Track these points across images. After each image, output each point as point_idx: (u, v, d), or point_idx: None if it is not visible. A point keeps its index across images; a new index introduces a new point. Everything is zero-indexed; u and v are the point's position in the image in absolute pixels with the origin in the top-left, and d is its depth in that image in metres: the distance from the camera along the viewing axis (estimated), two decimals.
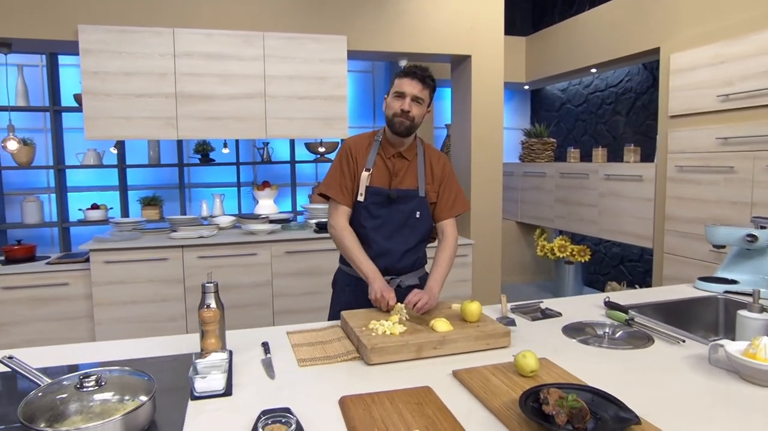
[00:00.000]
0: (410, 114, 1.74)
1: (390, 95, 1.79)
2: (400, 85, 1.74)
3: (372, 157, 1.81)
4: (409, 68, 1.75)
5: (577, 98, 5.26)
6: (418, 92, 1.74)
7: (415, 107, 1.75)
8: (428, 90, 1.78)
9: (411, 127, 1.77)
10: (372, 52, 3.72)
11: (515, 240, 5.41)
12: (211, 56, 3.25)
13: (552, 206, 4.76)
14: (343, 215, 1.82)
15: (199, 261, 3.26)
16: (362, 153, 1.82)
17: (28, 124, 3.96)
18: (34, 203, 3.83)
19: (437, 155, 1.93)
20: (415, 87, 1.74)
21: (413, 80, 1.73)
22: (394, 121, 1.75)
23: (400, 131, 1.76)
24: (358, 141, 1.86)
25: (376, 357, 1.37)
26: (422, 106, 1.78)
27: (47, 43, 3.16)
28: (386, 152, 1.83)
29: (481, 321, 1.56)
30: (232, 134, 3.35)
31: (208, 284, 1.44)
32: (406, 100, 1.73)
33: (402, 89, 1.74)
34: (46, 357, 1.47)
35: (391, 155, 1.83)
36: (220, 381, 1.22)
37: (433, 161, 1.90)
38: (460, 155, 4.14)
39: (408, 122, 1.75)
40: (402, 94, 1.74)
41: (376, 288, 1.67)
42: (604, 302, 1.85)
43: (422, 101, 1.77)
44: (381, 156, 1.83)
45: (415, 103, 1.75)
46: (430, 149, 1.93)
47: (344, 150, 1.84)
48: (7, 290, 3.03)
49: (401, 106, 1.73)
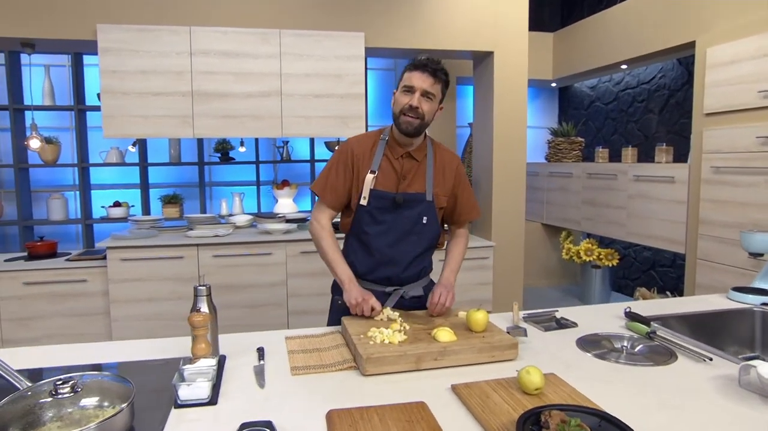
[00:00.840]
0: (419, 111, 1.60)
1: (398, 90, 1.65)
2: (409, 79, 1.60)
3: (378, 158, 1.69)
4: (420, 60, 1.59)
5: (607, 96, 5.05)
6: (429, 87, 1.59)
7: (425, 103, 1.61)
8: (440, 85, 1.62)
9: (420, 126, 1.63)
10: (390, 49, 3.64)
11: (540, 243, 5.24)
12: (227, 54, 3.23)
13: (579, 208, 4.58)
14: (326, 215, 1.73)
15: (214, 260, 3.26)
16: (366, 154, 1.70)
17: (55, 123, 4.05)
18: (59, 200, 3.90)
19: (449, 156, 1.79)
20: (426, 81, 1.59)
21: (423, 73, 1.58)
22: (401, 119, 1.62)
23: (409, 131, 1.63)
24: (362, 141, 1.73)
25: (372, 367, 1.30)
26: (433, 103, 1.64)
27: (69, 43, 3.20)
28: (394, 153, 1.70)
29: (488, 331, 1.47)
30: (248, 133, 3.33)
31: (200, 288, 1.40)
32: (416, 96, 1.59)
33: (411, 83, 1.60)
34: (36, 358, 1.45)
35: (399, 156, 1.70)
36: (204, 389, 1.17)
37: (446, 162, 1.76)
38: (482, 155, 4.02)
39: (417, 122, 1.61)
40: (411, 89, 1.60)
41: (355, 293, 1.58)
42: (625, 313, 1.72)
43: (433, 97, 1.62)
44: (387, 157, 1.70)
45: (425, 99, 1.61)
46: (441, 150, 1.79)
47: (344, 150, 1.72)
48: (28, 285, 3.09)
49: (410, 102, 1.60)
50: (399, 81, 1.68)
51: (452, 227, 1.84)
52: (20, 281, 3.07)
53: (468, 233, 1.84)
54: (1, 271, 3.05)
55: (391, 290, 1.73)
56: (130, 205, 4.05)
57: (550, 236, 5.24)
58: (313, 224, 1.75)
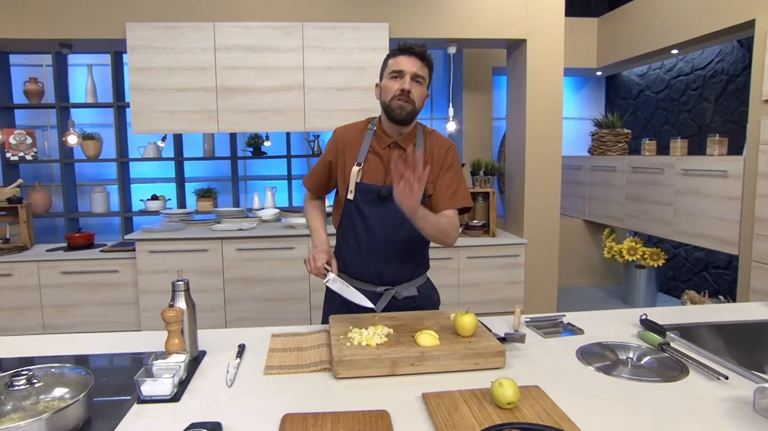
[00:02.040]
0: (411, 95, 1.52)
1: (384, 77, 1.58)
2: (397, 64, 1.53)
3: (364, 149, 1.62)
4: (405, 45, 1.55)
5: (658, 84, 4.69)
6: (418, 70, 1.52)
7: (415, 88, 1.53)
8: (428, 68, 1.56)
9: (413, 111, 1.55)
10: (416, 40, 3.52)
11: (582, 240, 4.97)
12: (250, 49, 3.25)
13: (622, 204, 4.29)
14: (309, 196, 1.81)
15: (237, 253, 3.30)
16: (353, 145, 1.64)
17: (98, 119, 4.25)
18: (101, 193, 4.10)
19: (440, 141, 1.68)
20: (414, 64, 1.51)
21: (411, 57, 1.51)
22: (392, 105, 1.53)
23: (402, 117, 1.54)
24: (348, 131, 1.67)
25: (343, 370, 1.24)
26: (423, 87, 1.56)
27: (102, 42, 3.32)
28: (380, 143, 1.63)
29: (476, 336, 1.37)
30: (271, 127, 3.35)
31: (177, 283, 1.38)
32: (406, 79, 1.52)
33: (400, 68, 1.52)
34: (28, 348, 1.49)
35: (385, 146, 1.62)
36: (167, 386, 1.15)
37: (435, 148, 1.65)
38: (514, 148, 3.85)
39: (409, 106, 1.53)
40: (400, 73, 1.53)
41: (311, 256, 1.56)
42: (640, 320, 1.56)
43: (422, 81, 1.55)
44: (374, 148, 1.63)
45: (415, 83, 1.53)
46: (432, 136, 1.68)
47: (332, 140, 1.68)
48: (66, 274, 3.25)
49: (401, 86, 1.52)
50: (383, 70, 1.60)
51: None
52: (59, 271, 3.24)
53: (457, 227, 1.62)
54: (42, 260, 3.23)
55: (382, 289, 1.65)
56: (166, 198, 4.19)
57: (592, 233, 4.96)
58: (305, 206, 1.83)
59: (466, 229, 3.84)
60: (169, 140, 4.20)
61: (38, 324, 3.27)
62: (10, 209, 3.41)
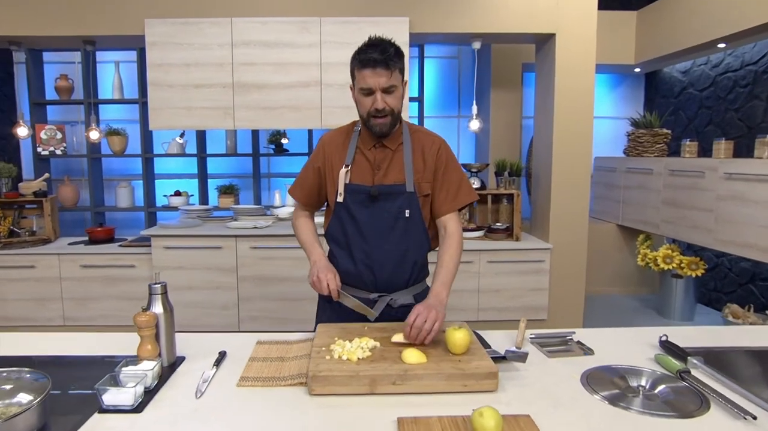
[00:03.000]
0: (386, 108, 1.44)
1: (356, 91, 1.49)
2: (363, 80, 1.41)
3: (351, 151, 1.55)
4: (366, 55, 1.39)
5: (702, 81, 4.38)
6: (386, 82, 1.41)
7: (390, 99, 1.44)
8: (398, 69, 1.44)
9: (393, 122, 1.49)
10: (439, 34, 3.41)
11: (614, 246, 4.71)
12: (267, 45, 3.20)
13: (658, 209, 4.02)
14: (300, 208, 1.69)
15: (251, 252, 3.27)
16: (339, 149, 1.57)
17: (125, 115, 4.31)
18: (126, 188, 4.16)
19: (430, 138, 1.59)
20: (381, 77, 1.40)
21: (376, 69, 1.38)
22: (370, 123, 1.47)
23: (383, 131, 1.49)
24: (333, 137, 1.61)
25: (318, 386, 1.15)
26: (398, 91, 1.46)
27: (123, 38, 3.34)
28: (365, 144, 1.55)
29: (469, 354, 1.25)
30: (287, 124, 3.29)
31: (154, 286, 1.33)
32: (377, 97, 1.42)
33: (367, 85, 1.41)
34: (7, 345, 1.47)
35: (370, 146, 1.54)
36: (129, 396, 1.09)
37: (425, 146, 1.56)
38: (541, 148, 3.66)
39: (388, 120, 1.46)
40: (369, 91, 1.42)
41: (314, 270, 1.47)
42: (660, 342, 1.40)
43: (395, 88, 1.44)
44: (360, 149, 1.55)
45: (388, 95, 1.43)
46: (419, 133, 1.59)
47: (318, 147, 1.61)
48: (86, 268, 3.31)
49: (374, 106, 1.43)
50: (352, 77, 1.50)
51: (441, 219, 1.58)
52: (79, 264, 3.30)
53: (461, 234, 1.56)
54: (63, 253, 3.29)
55: (375, 296, 1.55)
56: (189, 194, 4.22)
57: (626, 238, 4.69)
58: (292, 222, 1.71)
59: (489, 231, 3.69)
60: (192, 136, 4.22)
61: (59, 316, 3.34)
62: (37, 203, 3.49)
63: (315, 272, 1.46)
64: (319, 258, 1.53)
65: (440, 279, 1.46)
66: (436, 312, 1.30)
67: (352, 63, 1.47)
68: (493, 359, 1.28)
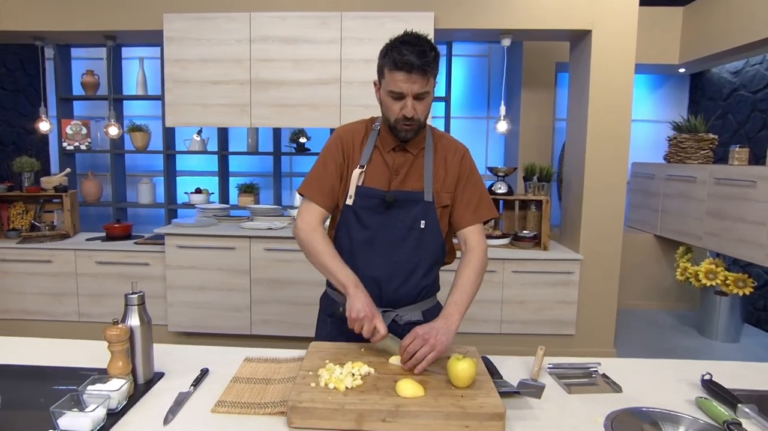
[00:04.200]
0: (415, 116, 1.30)
1: (383, 90, 1.33)
2: (395, 84, 1.26)
3: (368, 150, 1.40)
4: (399, 52, 1.24)
5: (756, 82, 4.05)
6: (421, 88, 1.27)
7: (420, 106, 1.30)
8: (433, 75, 1.29)
9: (419, 129, 1.35)
10: (466, 31, 3.23)
11: (652, 258, 4.42)
12: (285, 40, 3.10)
13: (702, 220, 3.73)
14: (317, 216, 1.40)
15: (265, 254, 3.18)
16: (356, 146, 1.41)
17: (149, 111, 4.31)
18: (147, 185, 4.15)
19: (453, 146, 1.45)
20: (415, 83, 1.25)
21: (411, 74, 1.24)
22: (397, 128, 1.33)
23: (408, 138, 1.35)
24: (351, 130, 1.45)
25: (298, 419, 1.01)
26: (429, 98, 1.32)
27: (142, 33, 3.30)
28: (385, 145, 1.40)
29: (474, 388, 1.09)
30: (304, 123, 3.18)
31: (130, 296, 1.22)
32: (408, 103, 1.28)
33: (399, 89, 1.27)
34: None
35: (390, 149, 1.40)
36: (87, 422, 0.98)
37: (448, 154, 1.43)
38: (573, 152, 3.44)
39: (415, 126, 1.32)
40: (400, 95, 1.28)
41: (359, 305, 1.22)
42: (702, 381, 1.21)
43: (428, 94, 1.30)
44: (379, 149, 1.41)
45: (418, 101, 1.29)
46: (443, 139, 1.46)
47: (333, 141, 1.44)
48: (101, 264, 3.28)
49: (403, 112, 1.29)
50: (379, 74, 1.35)
51: (462, 232, 1.44)
52: (94, 260, 3.28)
53: (485, 250, 1.41)
54: (80, 249, 3.28)
55: (380, 311, 1.40)
56: (210, 192, 4.17)
57: (664, 250, 4.39)
58: (300, 228, 1.39)
59: (515, 239, 3.49)
60: (214, 133, 4.17)
61: (74, 311, 3.33)
62: (59, 197, 3.50)
63: (357, 308, 1.22)
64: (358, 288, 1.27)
65: (454, 300, 1.30)
66: (437, 339, 1.16)
67: (383, 60, 1.31)
68: (503, 393, 1.12)
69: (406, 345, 1.17)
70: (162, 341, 1.37)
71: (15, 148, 4.30)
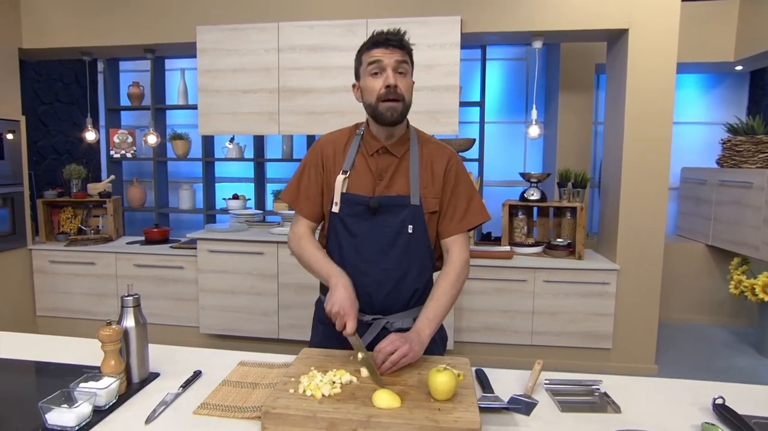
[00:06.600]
0: (399, 90, 1.29)
1: (362, 76, 1.34)
2: (374, 57, 1.30)
3: (351, 156, 1.39)
4: (378, 35, 1.31)
5: None
6: (400, 57, 1.29)
7: (401, 80, 1.30)
8: (410, 57, 1.34)
9: (404, 109, 1.32)
10: (495, 34, 3.16)
11: (704, 269, 4.13)
12: (312, 49, 3.14)
13: (759, 229, 3.45)
14: (305, 226, 1.43)
15: (292, 259, 3.20)
16: (338, 153, 1.41)
17: (190, 120, 4.49)
18: (188, 191, 4.32)
19: (440, 149, 1.42)
20: (394, 53, 1.29)
21: (388, 48, 1.29)
22: (380, 108, 1.30)
23: (394, 117, 1.31)
24: (333, 138, 1.45)
25: (271, 424, 1.00)
26: (408, 78, 1.33)
27: (180, 46, 3.45)
28: (368, 148, 1.39)
29: (455, 401, 1.04)
30: (330, 129, 3.19)
31: (126, 298, 1.26)
32: (389, 73, 1.28)
33: (377, 58, 1.29)
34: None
35: (374, 152, 1.38)
36: (71, 418, 1.01)
37: (434, 157, 1.40)
38: (610, 156, 3.28)
39: (399, 104, 1.30)
40: (380, 66, 1.29)
41: (334, 298, 1.23)
42: (713, 405, 1.10)
43: (406, 71, 1.32)
44: (362, 154, 1.39)
45: (399, 74, 1.30)
46: (429, 143, 1.43)
47: (314, 150, 1.44)
48: (139, 267, 3.44)
49: (385, 82, 1.28)
50: (358, 68, 1.37)
51: (445, 241, 1.41)
52: (133, 263, 3.44)
53: (465, 260, 1.37)
54: (120, 252, 3.45)
55: (370, 319, 1.38)
56: (246, 198, 4.29)
57: (717, 261, 4.09)
58: (290, 239, 1.45)
59: (548, 248, 3.36)
60: (250, 141, 4.29)
61: (115, 311, 3.50)
62: (104, 202, 3.70)
63: (331, 302, 1.23)
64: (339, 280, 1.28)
65: (426, 314, 1.29)
66: (410, 347, 1.17)
67: (360, 52, 1.36)
68: (488, 409, 1.07)
69: (382, 347, 1.17)
70: (193, 343, 1.42)
71: (69, 156, 4.60)
